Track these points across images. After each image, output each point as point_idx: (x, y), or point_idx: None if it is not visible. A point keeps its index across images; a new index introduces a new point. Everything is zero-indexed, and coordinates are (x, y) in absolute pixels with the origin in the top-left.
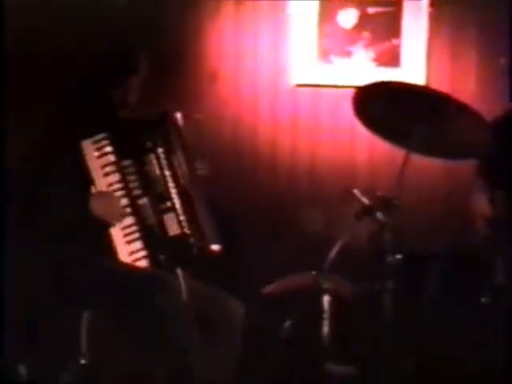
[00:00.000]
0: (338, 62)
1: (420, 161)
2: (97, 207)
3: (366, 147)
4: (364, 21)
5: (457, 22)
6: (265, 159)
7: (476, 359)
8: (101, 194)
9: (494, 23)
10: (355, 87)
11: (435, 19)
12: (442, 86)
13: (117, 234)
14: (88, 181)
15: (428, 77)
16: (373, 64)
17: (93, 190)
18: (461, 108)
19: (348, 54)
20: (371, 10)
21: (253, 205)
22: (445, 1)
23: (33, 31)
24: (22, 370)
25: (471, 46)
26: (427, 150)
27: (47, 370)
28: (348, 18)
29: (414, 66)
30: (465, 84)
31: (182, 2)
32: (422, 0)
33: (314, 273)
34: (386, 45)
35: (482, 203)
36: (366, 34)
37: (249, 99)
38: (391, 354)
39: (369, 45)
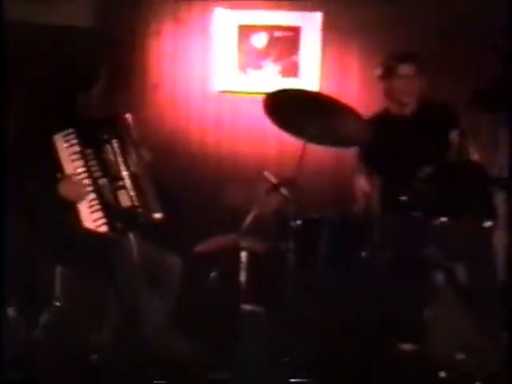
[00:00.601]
0: (252, 73)
1: (315, 149)
2: (65, 190)
3: (275, 139)
4: (272, 42)
5: (343, 43)
6: (195, 149)
7: (359, 302)
8: (68, 180)
9: (371, 44)
10: (266, 93)
11: (326, 41)
12: (331, 91)
13: (82, 206)
14: (58, 163)
15: (320, 85)
16: (279, 75)
17: (61, 175)
18: (345, 108)
19: (260, 67)
20: (277, 34)
21: (186, 184)
22: (333, 26)
23: (19, 51)
24: (11, 311)
25: (354, 61)
26: (320, 140)
27: (30, 312)
28: (260, 39)
29: (309, 76)
30: (349, 90)
31: (132, 24)
32: (315, 27)
33: (234, 235)
34: (289, 60)
35: (362, 181)
36: (273, 52)
37: (182, 102)
38: (293, 297)
39: (276, 60)
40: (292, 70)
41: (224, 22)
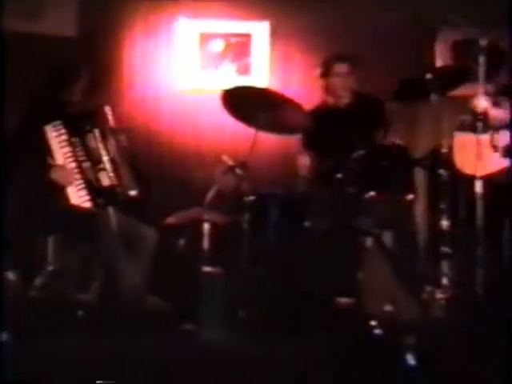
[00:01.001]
0: (212, 73)
1: (265, 136)
2: (56, 176)
3: (231, 128)
4: (228, 46)
5: (287, 46)
6: (165, 138)
7: (303, 264)
8: (58, 167)
9: (311, 47)
10: (223, 90)
11: (273, 45)
12: (278, 87)
13: (70, 187)
14: (49, 150)
15: (269, 82)
16: (234, 74)
17: (52, 161)
18: (289, 102)
19: (218, 67)
20: (232, 39)
21: (158, 166)
22: (279, 33)
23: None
24: (11, 275)
25: (298, 62)
26: (269, 129)
27: (27, 275)
28: (218, 44)
29: (260, 75)
30: (293, 86)
31: (109, 31)
32: (264, 33)
33: (198, 209)
34: (242, 62)
35: (304, 162)
36: (229, 55)
37: (153, 97)
38: (247, 260)
39: (231, 62)
40: (245, 70)
41: (187, 30)
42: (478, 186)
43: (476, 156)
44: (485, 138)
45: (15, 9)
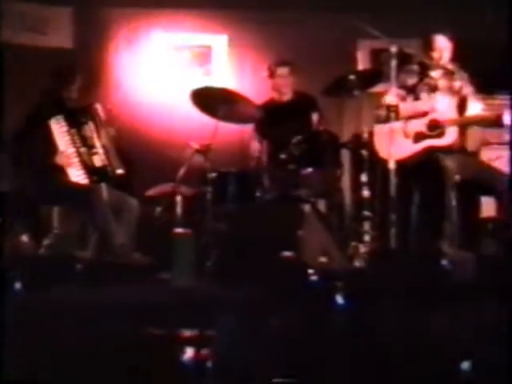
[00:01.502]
0: (183, 75)
1: (225, 125)
2: (60, 161)
3: (198, 119)
4: (196, 55)
5: (242, 54)
6: (145, 128)
7: (255, 225)
8: (60, 153)
9: (261, 54)
10: (192, 89)
11: (231, 53)
12: (235, 87)
13: (70, 168)
14: (52, 139)
15: (228, 83)
16: (201, 77)
17: (55, 149)
18: (243, 98)
19: (188, 71)
20: (197, 50)
21: (141, 151)
22: (235, 43)
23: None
24: (25, 238)
25: (250, 66)
26: (227, 119)
27: (37, 238)
28: (186, 55)
29: (220, 77)
30: (246, 86)
31: (99, 44)
32: (223, 44)
33: (172, 184)
34: (207, 67)
35: (255, 146)
36: (196, 61)
37: (136, 97)
38: (211, 223)
39: (199, 66)
40: (208, 73)
41: (162, 42)
42: (392, 164)
43: (390, 141)
44: (397, 126)
45: (25, 26)
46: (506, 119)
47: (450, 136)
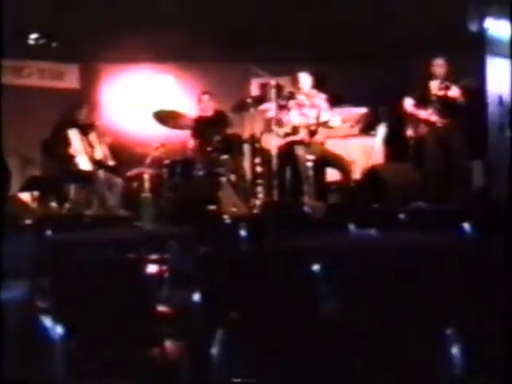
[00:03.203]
0: (149, 103)
1: (173, 131)
2: (73, 152)
3: (159, 129)
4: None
5: (186, 88)
6: (128, 137)
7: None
8: (74, 149)
9: (195, 89)
10: (154, 111)
11: (176, 90)
12: (179, 109)
13: (82, 162)
14: (69, 143)
15: (175, 106)
16: (159, 103)
17: (72, 151)
18: (183, 115)
19: (151, 101)
20: (153, 85)
21: (124, 150)
22: (181, 82)
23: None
24: (53, 203)
25: (188, 97)
26: (175, 127)
27: (60, 203)
28: (147, 89)
29: (171, 103)
30: (186, 107)
31: (96, 83)
32: (171, 83)
33: (142, 168)
34: (162, 98)
35: (192, 143)
36: (154, 94)
37: (120, 118)
38: (167, 190)
39: (157, 97)
40: (164, 103)
41: (137, 84)
42: (273, 151)
43: (271, 139)
44: (275, 130)
45: (44, 76)
46: (334, 121)
47: (302, 134)
